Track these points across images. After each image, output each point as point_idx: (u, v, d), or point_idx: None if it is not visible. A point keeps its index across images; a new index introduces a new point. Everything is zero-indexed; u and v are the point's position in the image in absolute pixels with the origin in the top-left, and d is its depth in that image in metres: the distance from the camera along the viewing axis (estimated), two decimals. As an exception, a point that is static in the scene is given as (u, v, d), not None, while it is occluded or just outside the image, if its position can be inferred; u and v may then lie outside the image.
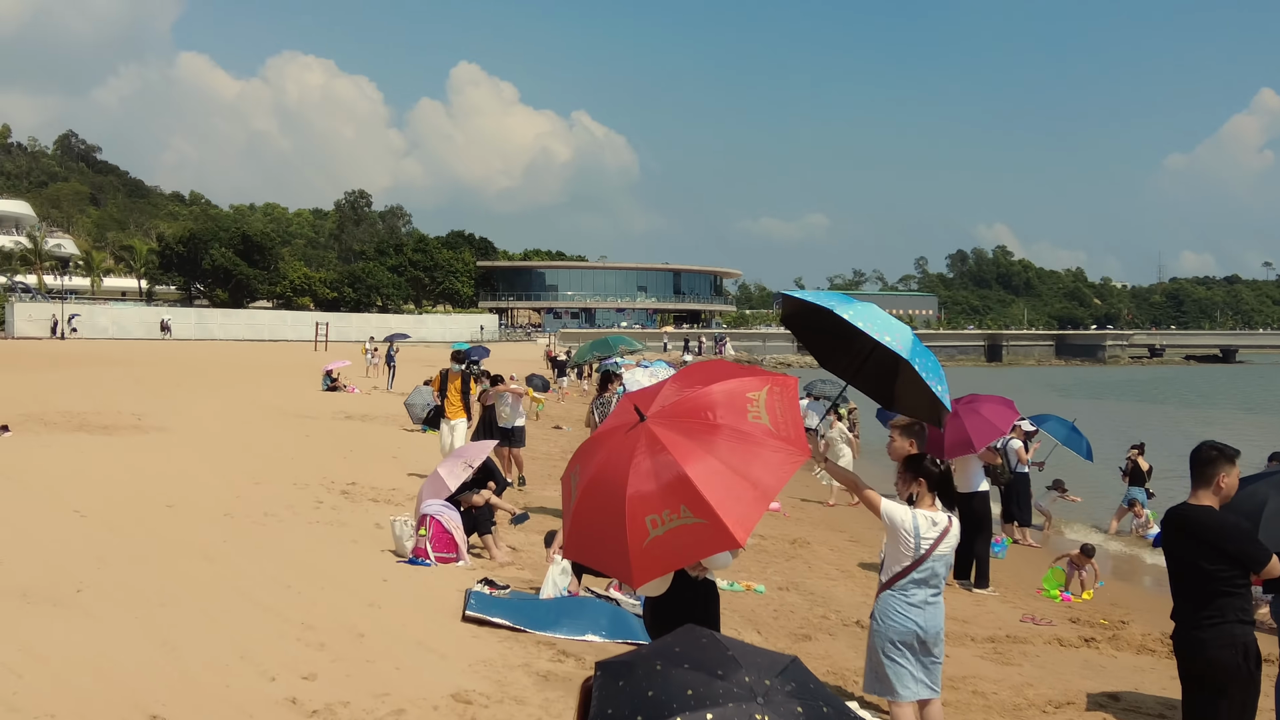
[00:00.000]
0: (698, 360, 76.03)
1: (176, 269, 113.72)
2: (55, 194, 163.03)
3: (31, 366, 43.47)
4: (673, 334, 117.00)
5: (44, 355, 54.11)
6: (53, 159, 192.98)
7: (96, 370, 41.58)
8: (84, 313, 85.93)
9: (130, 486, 14.19)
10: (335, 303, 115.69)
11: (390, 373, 44.15)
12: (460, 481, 11.99)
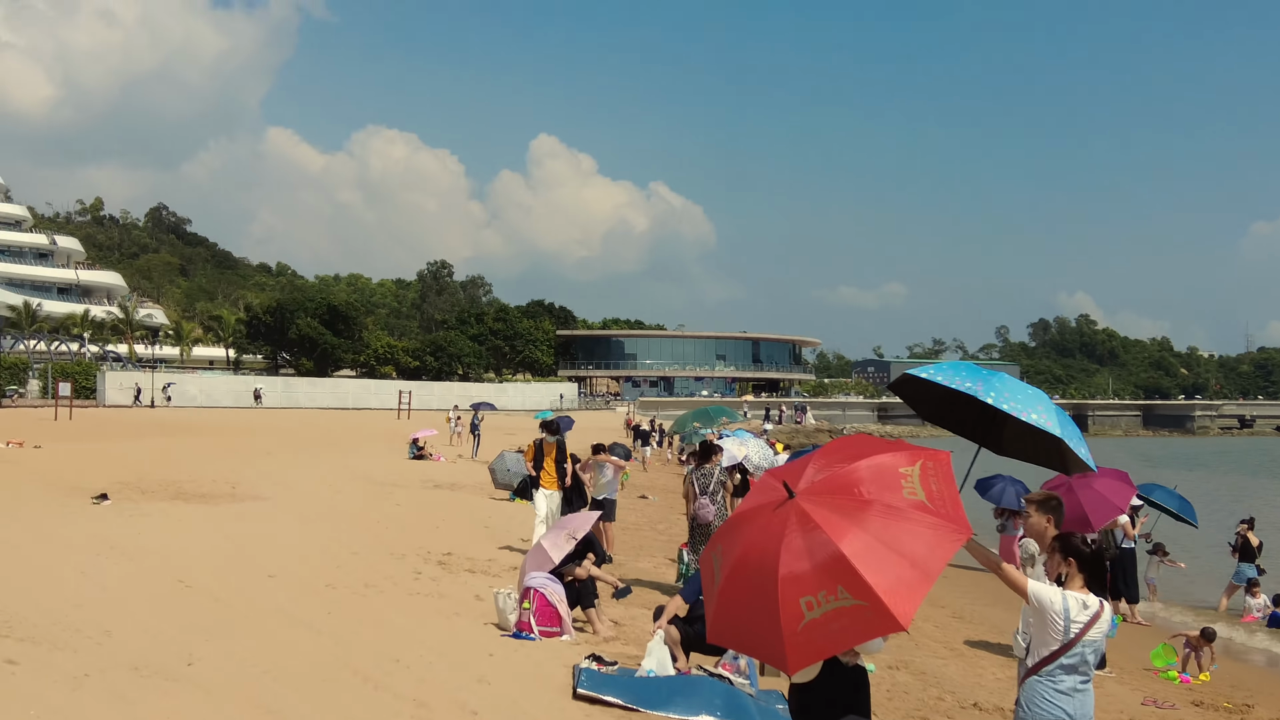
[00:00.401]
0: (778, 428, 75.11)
1: (263, 338, 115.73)
2: (146, 265, 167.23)
3: (124, 434, 44.23)
4: (752, 403, 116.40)
5: (135, 423, 55.09)
6: (144, 231, 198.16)
7: (188, 438, 42.19)
8: (175, 380, 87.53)
9: (231, 556, 14.21)
10: (417, 371, 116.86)
11: (475, 441, 44.24)
12: (564, 554, 11.82)
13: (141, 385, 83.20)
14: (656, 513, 27.15)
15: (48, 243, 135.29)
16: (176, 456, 31.46)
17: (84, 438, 40.32)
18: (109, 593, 11.07)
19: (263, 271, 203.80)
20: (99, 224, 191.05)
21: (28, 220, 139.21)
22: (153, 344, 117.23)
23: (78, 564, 12.65)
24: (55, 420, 53.38)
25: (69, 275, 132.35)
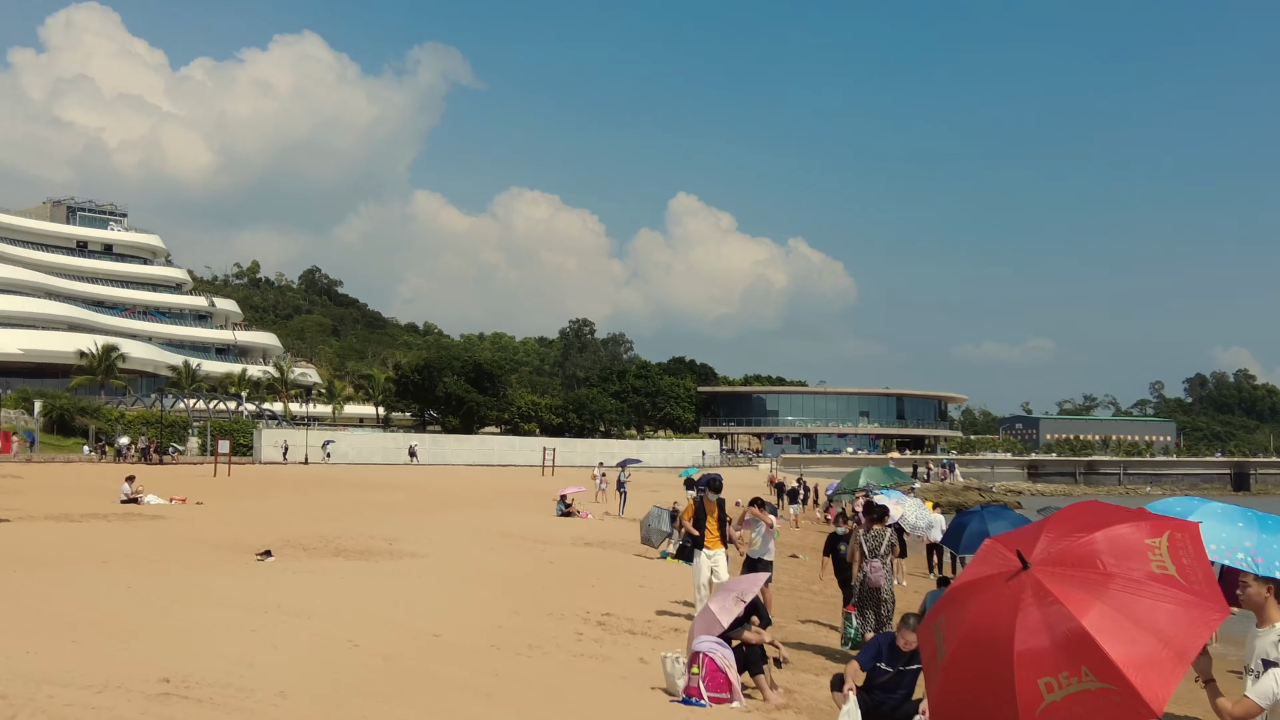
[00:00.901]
0: (925, 486, 73.26)
1: (412, 396, 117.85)
2: (300, 326, 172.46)
3: (281, 490, 45.28)
4: (898, 459, 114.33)
5: (291, 479, 56.38)
6: (298, 293, 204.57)
7: (343, 494, 42.97)
8: (334, 438, 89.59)
9: (395, 615, 14.21)
10: (560, 428, 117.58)
11: (621, 498, 44.15)
12: (733, 617, 11.50)
13: (294, 442, 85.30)
14: (810, 573, 26.59)
15: (207, 305, 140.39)
16: (333, 513, 31.98)
17: (243, 494, 41.34)
18: (280, 652, 11.10)
19: (410, 331, 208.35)
20: (255, 286, 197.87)
21: (188, 283, 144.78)
22: (306, 402, 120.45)
23: (247, 622, 12.76)
24: (214, 477, 54.93)
25: (227, 336, 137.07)
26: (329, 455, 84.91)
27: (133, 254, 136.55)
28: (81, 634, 11.33)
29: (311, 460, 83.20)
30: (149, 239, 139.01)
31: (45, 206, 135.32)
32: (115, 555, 18.89)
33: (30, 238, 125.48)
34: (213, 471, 58.59)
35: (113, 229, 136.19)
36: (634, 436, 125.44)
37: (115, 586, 15.11)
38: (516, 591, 17.83)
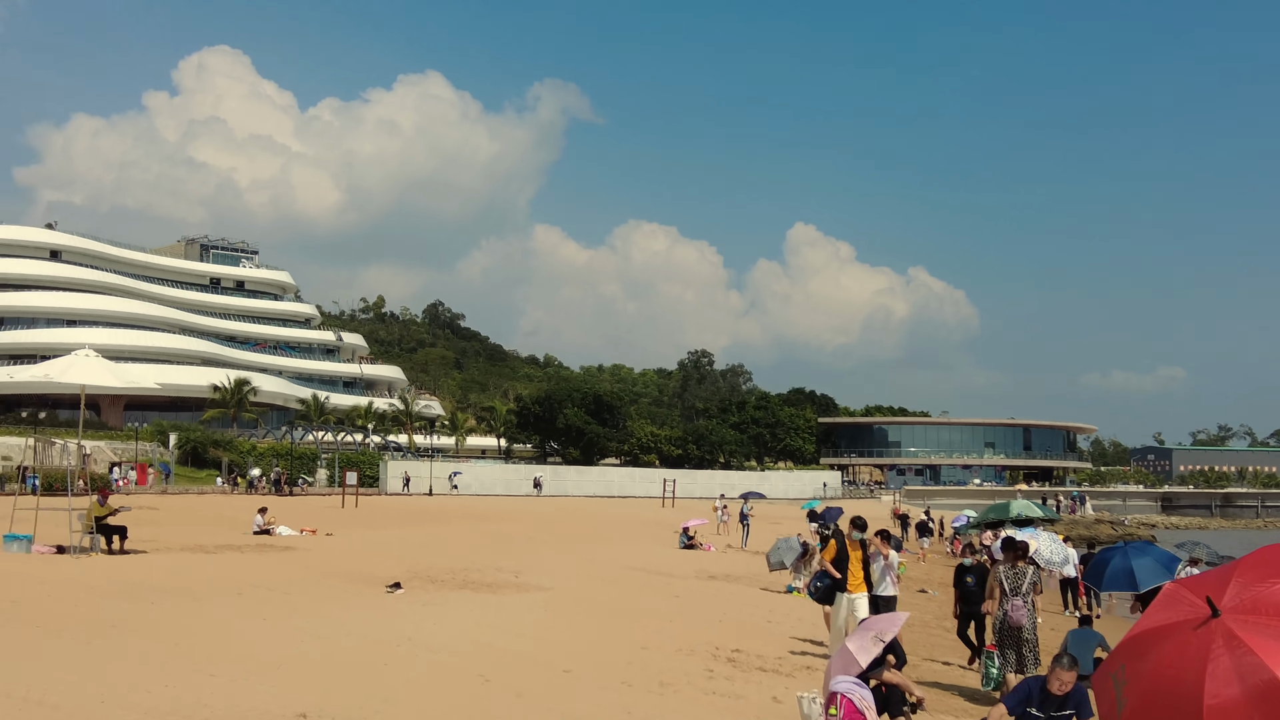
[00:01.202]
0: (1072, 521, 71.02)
1: (533, 428, 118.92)
2: (424, 359, 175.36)
3: (407, 522, 45.82)
4: (1026, 492, 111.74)
5: (416, 511, 57.05)
6: (422, 327, 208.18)
7: (467, 526, 43.30)
8: (461, 470, 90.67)
9: (525, 649, 14.14)
10: (680, 459, 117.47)
11: (744, 531, 43.74)
12: (871, 657, 11.15)
13: (418, 474, 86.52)
14: (942, 608, 25.95)
15: (334, 339, 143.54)
16: (459, 545, 32.20)
17: (370, 525, 41.92)
18: (414, 687, 11.08)
19: (531, 363, 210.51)
20: (380, 320, 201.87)
21: (316, 318, 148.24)
22: (430, 434, 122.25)
23: (380, 656, 12.79)
24: (342, 508, 55.86)
25: (353, 369, 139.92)
26: (456, 487, 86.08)
27: (264, 290, 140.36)
28: (219, 667, 11.45)
29: (436, 491, 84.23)
30: (279, 275, 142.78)
31: (180, 245, 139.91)
32: (250, 587, 19.19)
33: (166, 275, 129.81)
34: (340, 503, 59.60)
35: (244, 266, 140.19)
36: (754, 468, 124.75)
37: (251, 619, 15.31)
38: (644, 626, 17.66)
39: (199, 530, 34.71)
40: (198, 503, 59.72)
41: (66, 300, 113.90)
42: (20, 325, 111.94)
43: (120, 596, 16.96)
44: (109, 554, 24.20)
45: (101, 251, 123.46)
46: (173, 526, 35.46)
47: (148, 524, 32.39)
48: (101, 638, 12.88)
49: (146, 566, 22.14)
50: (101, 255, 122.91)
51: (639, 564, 29.88)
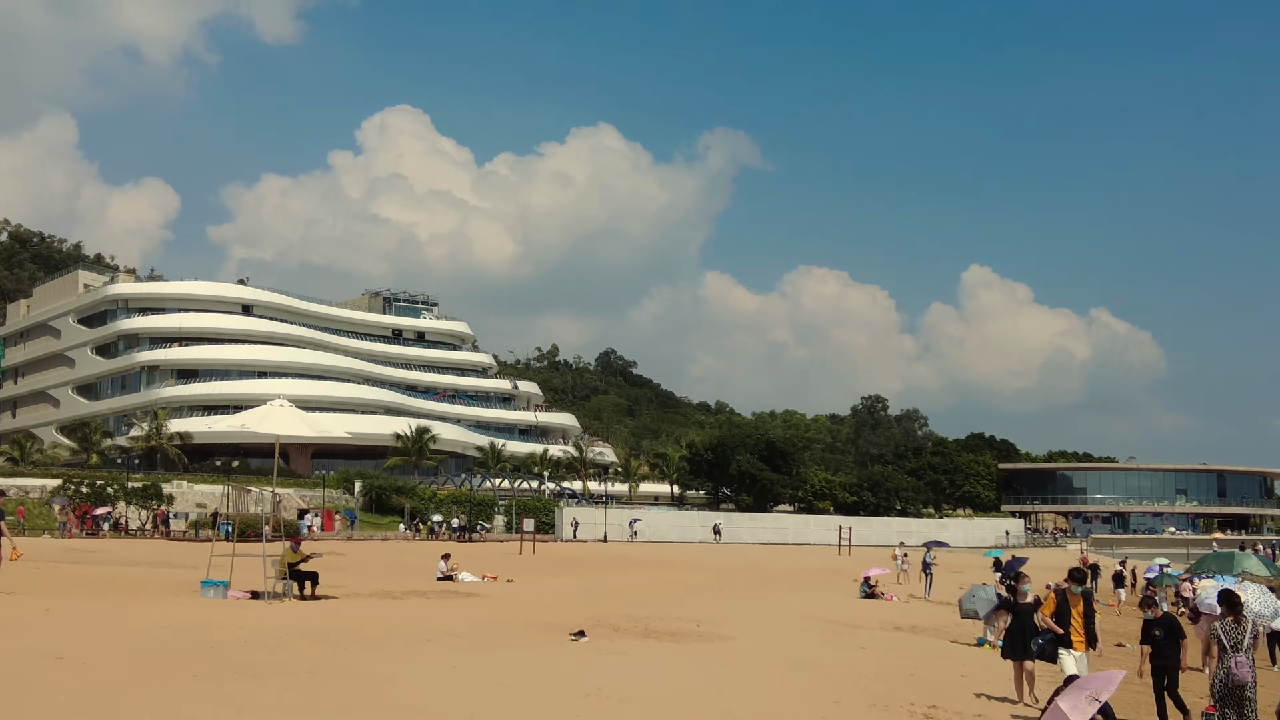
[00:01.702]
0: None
1: (705, 474, 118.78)
2: (597, 406, 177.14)
3: (584, 568, 46.03)
4: (1222, 540, 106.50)
5: (593, 558, 57.34)
6: (594, 374, 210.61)
7: (644, 573, 43.25)
8: (622, 518, 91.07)
9: (715, 703, 13.85)
10: (855, 506, 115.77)
11: (927, 580, 42.61)
12: (1086, 718, 10.59)
13: (591, 520, 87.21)
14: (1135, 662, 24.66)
15: (510, 388, 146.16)
16: (638, 592, 32.12)
17: (549, 571, 42.25)
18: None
19: (702, 410, 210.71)
20: (554, 369, 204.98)
21: (493, 367, 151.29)
22: (603, 481, 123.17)
23: (571, 707, 12.68)
24: (520, 554, 56.54)
25: (529, 417, 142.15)
26: (636, 534, 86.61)
27: (443, 340, 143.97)
28: (418, 716, 11.49)
29: (611, 538, 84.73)
30: (458, 326, 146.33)
31: (364, 298, 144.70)
32: (438, 634, 19.39)
33: (351, 327, 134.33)
34: (519, 549, 60.33)
35: (425, 317, 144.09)
36: (931, 515, 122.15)
37: (440, 667, 15.41)
38: (833, 679, 17.20)
39: (385, 576, 35.44)
40: (382, 548, 61.19)
41: (257, 353, 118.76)
42: (214, 377, 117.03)
43: (316, 642, 17.29)
44: (301, 599, 24.82)
45: (290, 305, 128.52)
46: (360, 572, 36.31)
47: (336, 569, 33.18)
48: (301, 685, 13.08)
49: (338, 612, 22.61)
50: (290, 309, 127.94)
51: (821, 613, 29.30)
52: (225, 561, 26.96)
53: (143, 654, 15.02)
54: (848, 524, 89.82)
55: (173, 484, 77.59)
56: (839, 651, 21.20)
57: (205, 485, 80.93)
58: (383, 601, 25.80)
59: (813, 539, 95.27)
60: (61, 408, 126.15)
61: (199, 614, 20.95)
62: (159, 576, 31.75)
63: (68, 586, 26.12)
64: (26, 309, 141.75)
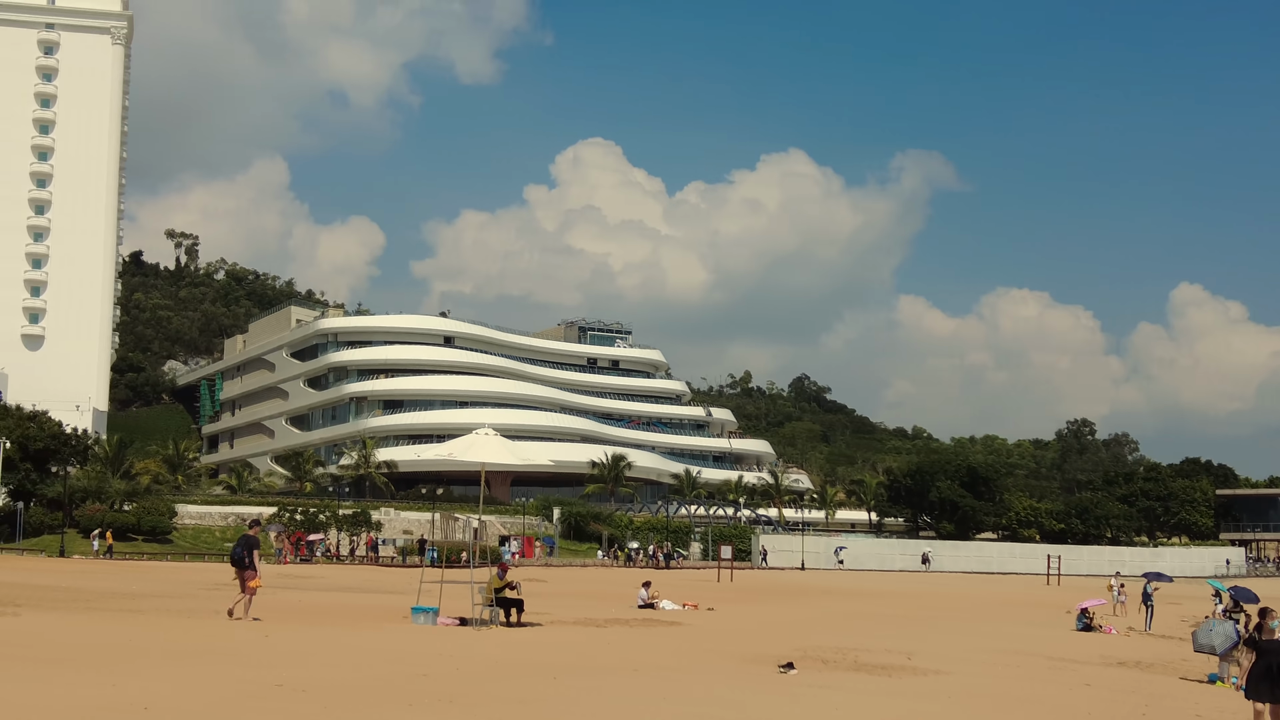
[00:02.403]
0: None
1: (904, 501, 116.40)
2: (790, 433, 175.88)
3: (785, 597, 45.42)
4: None
5: (791, 586, 56.67)
6: (788, 401, 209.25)
7: (846, 602, 42.41)
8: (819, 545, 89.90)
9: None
10: (1061, 534, 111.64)
11: (1148, 613, 40.56)
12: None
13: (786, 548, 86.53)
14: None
15: (704, 415, 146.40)
16: (842, 621, 31.46)
17: (748, 600, 41.83)
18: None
19: (898, 435, 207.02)
20: (747, 395, 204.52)
21: (686, 395, 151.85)
22: (799, 508, 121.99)
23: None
24: (718, 581, 56.22)
25: (722, 444, 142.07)
26: (842, 561, 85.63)
27: (637, 369, 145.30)
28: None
29: (808, 565, 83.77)
30: (651, 354, 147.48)
31: (560, 328, 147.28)
32: (645, 665, 19.22)
33: (547, 357, 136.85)
34: (716, 576, 60.02)
35: (619, 346, 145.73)
36: (1144, 544, 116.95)
37: (651, 698, 15.22)
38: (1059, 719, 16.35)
39: (586, 603, 35.60)
40: (581, 575, 61.73)
41: (459, 383, 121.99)
42: (418, 407, 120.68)
43: (525, 672, 17.32)
44: (507, 626, 25.02)
45: (489, 336, 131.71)
46: (562, 599, 36.57)
47: (538, 596, 33.45)
48: (515, 716, 13.05)
49: (544, 640, 22.70)
50: (489, 340, 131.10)
51: (1036, 647, 28.12)
52: (433, 588, 27.42)
53: (359, 682, 15.27)
54: (1055, 552, 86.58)
55: (380, 511, 79.97)
56: (1061, 689, 20.20)
57: (411, 512, 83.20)
58: (586, 629, 25.82)
59: (1017, 568, 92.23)
60: (276, 438, 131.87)
61: (410, 641, 21.30)
62: (370, 602, 32.56)
63: (285, 612, 26.94)
64: (243, 344, 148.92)
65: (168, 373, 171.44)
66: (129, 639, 19.60)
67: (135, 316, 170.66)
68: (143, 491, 78.09)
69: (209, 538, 73.25)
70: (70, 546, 63.59)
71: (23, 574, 40.99)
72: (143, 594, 32.03)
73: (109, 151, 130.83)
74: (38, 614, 23.32)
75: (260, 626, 22.56)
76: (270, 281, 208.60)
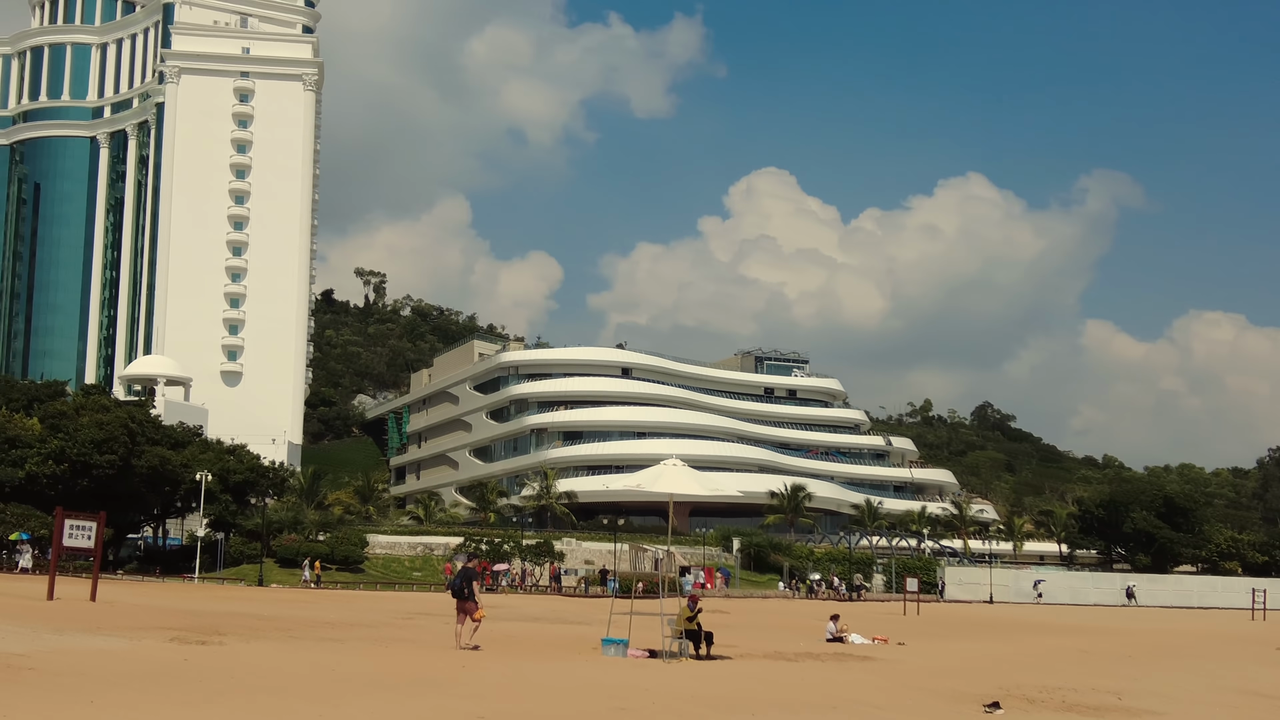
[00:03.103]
0: None
1: (1096, 532, 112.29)
2: (973, 462, 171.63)
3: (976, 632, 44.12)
4: None
5: (981, 620, 55.05)
6: (970, 429, 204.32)
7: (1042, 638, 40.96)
8: (1007, 578, 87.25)
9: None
10: (1265, 567, 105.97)
11: (1371, 652, 38.11)
12: None
13: (973, 580, 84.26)
14: None
15: (884, 444, 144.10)
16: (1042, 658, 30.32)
17: (939, 634, 40.73)
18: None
19: (1087, 465, 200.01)
20: (927, 424, 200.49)
21: (865, 424, 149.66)
22: (983, 539, 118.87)
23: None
24: (904, 615, 55.00)
25: (903, 474, 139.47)
26: (1041, 595, 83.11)
27: (814, 398, 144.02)
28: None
29: (996, 599, 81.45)
30: (829, 383, 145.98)
31: (736, 358, 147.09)
32: (843, 701, 18.81)
33: (723, 387, 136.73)
34: (902, 609, 58.76)
35: (795, 375, 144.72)
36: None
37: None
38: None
39: (773, 636, 35.21)
40: (762, 606, 61.25)
41: (636, 414, 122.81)
42: (596, 438, 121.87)
43: (721, 706, 17.12)
44: (697, 659, 24.84)
45: (666, 367, 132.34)
46: (747, 631, 36.25)
47: (723, 628, 33.17)
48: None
49: (736, 673, 22.43)
50: (666, 370, 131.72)
51: (1253, 686, 26.59)
52: (621, 619, 27.43)
53: (559, 714, 15.30)
54: (1260, 586, 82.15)
55: (563, 541, 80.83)
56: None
57: (592, 542, 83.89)
58: (777, 663, 25.45)
59: (1219, 602, 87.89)
60: (460, 469, 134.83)
61: (605, 673, 21.30)
62: (559, 633, 32.79)
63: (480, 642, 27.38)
64: (428, 378, 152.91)
65: (357, 406, 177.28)
66: (333, 668, 20.07)
67: (326, 352, 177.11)
68: (335, 522, 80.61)
69: (398, 567, 75.16)
70: (268, 576, 65.95)
71: (225, 603, 42.69)
72: (342, 623, 32.90)
73: (302, 193, 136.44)
74: (242, 643, 24.10)
75: (460, 657, 22.92)
76: (453, 316, 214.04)
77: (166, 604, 39.19)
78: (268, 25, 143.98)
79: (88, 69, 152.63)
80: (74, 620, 27.66)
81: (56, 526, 39.92)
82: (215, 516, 72.54)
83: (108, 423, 67.15)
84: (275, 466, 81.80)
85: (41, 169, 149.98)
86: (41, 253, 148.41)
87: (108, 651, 20.66)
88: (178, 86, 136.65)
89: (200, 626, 27.74)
